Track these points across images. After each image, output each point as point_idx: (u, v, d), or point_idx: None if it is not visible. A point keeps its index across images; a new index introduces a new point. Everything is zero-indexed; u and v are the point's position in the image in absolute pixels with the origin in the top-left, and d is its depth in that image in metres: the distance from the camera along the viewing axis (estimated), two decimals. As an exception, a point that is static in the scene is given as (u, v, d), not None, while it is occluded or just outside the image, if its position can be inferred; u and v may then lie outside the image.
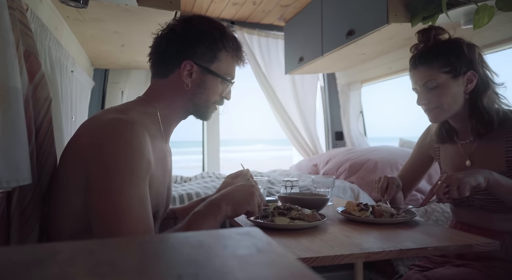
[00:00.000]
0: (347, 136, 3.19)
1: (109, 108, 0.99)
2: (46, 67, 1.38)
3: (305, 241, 0.95)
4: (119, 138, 0.82)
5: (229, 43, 1.02)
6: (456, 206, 1.31)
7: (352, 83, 3.10)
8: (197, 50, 0.98)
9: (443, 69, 1.19)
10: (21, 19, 0.90)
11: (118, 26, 1.75)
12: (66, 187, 0.86)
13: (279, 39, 3.15)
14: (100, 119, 0.88)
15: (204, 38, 0.99)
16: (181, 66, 0.98)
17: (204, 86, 1.01)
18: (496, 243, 0.95)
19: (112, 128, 0.83)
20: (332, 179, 1.51)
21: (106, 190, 0.78)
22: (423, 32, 1.27)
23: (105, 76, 2.80)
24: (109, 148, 0.81)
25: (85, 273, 0.32)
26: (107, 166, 0.79)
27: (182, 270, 0.32)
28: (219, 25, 1.03)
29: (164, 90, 1.01)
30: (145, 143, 0.85)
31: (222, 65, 1.02)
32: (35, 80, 0.95)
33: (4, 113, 0.71)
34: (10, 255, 0.36)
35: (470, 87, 1.20)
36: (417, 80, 1.25)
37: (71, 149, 0.89)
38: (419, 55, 1.25)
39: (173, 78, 1.00)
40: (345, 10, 2.08)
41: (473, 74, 1.19)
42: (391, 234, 1.03)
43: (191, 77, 0.99)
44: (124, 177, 0.79)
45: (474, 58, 1.21)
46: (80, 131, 0.91)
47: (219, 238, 0.42)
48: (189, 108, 1.04)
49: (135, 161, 0.81)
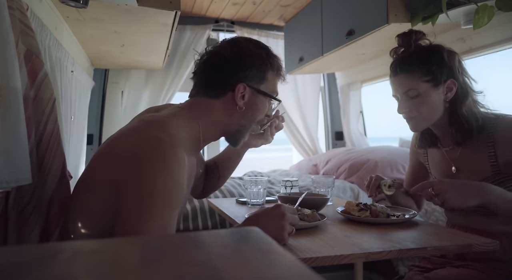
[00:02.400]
0: (347, 136, 3.19)
1: (148, 118, 0.92)
2: (46, 67, 1.38)
3: (305, 241, 0.95)
4: (160, 164, 0.79)
5: (274, 62, 1.03)
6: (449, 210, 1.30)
7: (352, 83, 3.10)
8: (249, 73, 0.98)
9: (424, 78, 1.18)
10: (22, 19, 0.90)
11: (118, 26, 1.75)
12: (90, 195, 0.84)
13: (279, 39, 3.15)
14: (141, 135, 0.84)
15: (255, 60, 0.99)
16: (235, 89, 0.98)
17: (256, 107, 1.02)
18: (496, 243, 0.95)
19: (155, 150, 0.80)
20: (332, 179, 1.51)
21: (134, 216, 0.75)
22: (403, 36, 1.26)
23: (105, 76, 2.80)
24: (149, 173, 0.78)
25: (85, 273, 0.32)
26: (142, 191, 0.77)
27: (182, 270, 0.32)
28: (263, 45, 1.04)
29: (213, 109, 0.99)
30: (184, 169, 0.83)
31: (269, 84, 1.03)
32: (38, 79, 0.95)
33: (4, 113, 0.71)
34: (10, 255, 0.36)
35: (450, 96, 1.19)
36: (398, 88, 1.24)
37: (105, 157, 0.87)
38: (400, 61, 1.24)
39: (225, 99, 0.99)
40: (345, 10, 2.08)
41: (453, 82, 1.19)
42: (391, 234, 1.03)
43: (244, 99, 0.99)
44: (157, 206, 0.76)
45: (454, 66, 1.20)
46: (118, 141, 0.88)
47: (219, 238, 0.42)
48: (232, 129, 1.02)
49: (172, 190, 0.79)
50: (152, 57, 2.34)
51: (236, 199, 1.63)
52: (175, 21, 1.64)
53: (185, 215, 1.80)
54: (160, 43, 1.99)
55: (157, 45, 2.04)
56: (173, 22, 1.64)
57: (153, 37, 1.90)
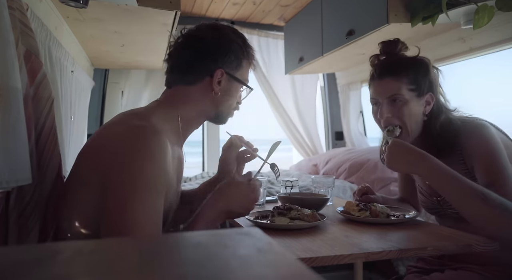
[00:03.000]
0: (347, 136, 3.19)
1: (129, 111, 0.96)
2: (46, 67, 1.38)
3: (305, 241, 0.95)
4: (144, 151, 0.80)
5: (250, 51, 1.05)
6: (441, 217, 1.29)
7: (352, 83, 3.10)
8: (227, 59, 0.99)
9: (410, 86, 1.17)
10: (22, 19, 0.90)
11: (118, 26, 1.75)
12: (80, 189, 0.85)
13: (279, 39, 3.15)
14: (125, 125, 0.86)
15: (233, 47, 1.00)
16: (214, 74, 0.98)
17: (230, 93, 1.03)
18: (496, 243, 0.95)
19: (137, 137, 0.82)
20: (332, 179, 1.51)
21: (121, 204, 0.76)
22: (389, 44, 1.25)
23: (105, 76, 2.80)
24: (133, 160, 0.79)
25: (85, 273, 0.32)
26: (126, 178, 0.78)
27: (182, 270, 0.32)
28: (240, 34, 1.05)
29: (190, 97, 1.00)
30: (167, 155, 0.84)
31: (244, 72, 1.05)
32: (37, 79, 0.95)
33: (4, 113, 0.71)
34: (10, 255, 0.36)
35: (428, 109, 1.19)
36: (382, 92, 1.19)
37: (91, 152, 0.88)
38: (387, 66, 1.21)
39: (201, 85, 1.00)
40: (345, 10, 2.08)
41: (431, 97, 1.19)
42: (390, 234, 1.03)
43: (220, 85, 1.00)
44: (142, 192, 0.78)
45: (436, 81, 1.20)
46: (102, 134, 0.90)
47: (219, 238, 0.42)
48: (212, 114, 1.05)
49: (156, 176, 0.80)
50: (152, 57, 2.34)
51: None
52: (175, 21, 1.64)
53: (185, 215, 1.79)
54: (160, 43, 1.99)
55: (157, 45, 2.05)
56: (173, 22, 1.65)
57: (153, 37, 1.90)
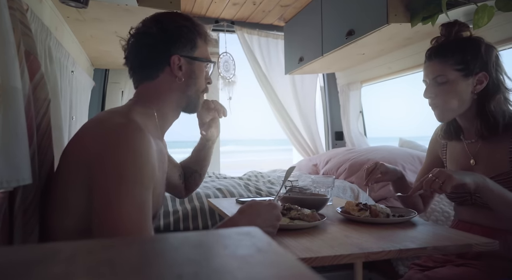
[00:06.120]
0: (347, 136, 3.19)
1: (110, 110, 0.99)
2: (46, 67, 1.38)
3: (305, 241, 0.95)
4: (127, 146, 0.81)
5: (201, 29, 1.06)
6: (458, 204, 1.31)
7: (352, 83, 3.10)
8: (179, 44, 1.01)
9: (456, 66, 1.19)
10: (21, 19, 0.90)
11: (118, 26, 1.75)
12: (65, 188, 0.86)
13: (279, 39, 3.14)
14: (106, 123, 0.87)
15: (182, 30, 1.02)
16: (170, 62, 1.00)
17: (194, 75, 1.04)
18: (496, 243, 0.95)
19: (119, 134, 0.83)
20: (332, 179, 1.51)
21: (108, 200, 0.77)
22: (447, 26, 1.27)
23: (105, 76, 2.80)
24: (117, 156, 0.80)
25: (85, 273, 0.32)
26: (113, 174, 0.79)
27: (182, 270, 0.32)
28: (186, 16, 1.07)
29: (158, 90, 1.02)
30: (151, 149, 0.85)
31: (201, 51, 1.06)
32: (35, 80, 0.95)
33: (4, 113, 0.71)
34: (10, 254, 0.36)
35: (479, 88, 1.19)
36: (428, 73, 1.25)
37: (73, 151, 0.89)
38: (436, 48, 1.25)
39: (164, 76, 1.02)
40: (345, 10, 2.08)
41: (484, 76, 1.19)
42: (390, 234, 1.03)
43: (181, 70, 1.02)
44: (128, 186, 0.78)
45: (490, 60, 1.20)
46: (83, 133, 0.90)
47: (219, 238, 0.42)
48: (182, 102, 1.06)
49: (142, 170, 0.81)
50: (152, 57, 2.33)
51: (236, 199, 1.64)
52: (175, 21, 1.64)
53: (185, 215, 1.80)
54: (160, 43, 1.99)
55: (157, 45, 2.04)
56: (173, 22, 1.64)
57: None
